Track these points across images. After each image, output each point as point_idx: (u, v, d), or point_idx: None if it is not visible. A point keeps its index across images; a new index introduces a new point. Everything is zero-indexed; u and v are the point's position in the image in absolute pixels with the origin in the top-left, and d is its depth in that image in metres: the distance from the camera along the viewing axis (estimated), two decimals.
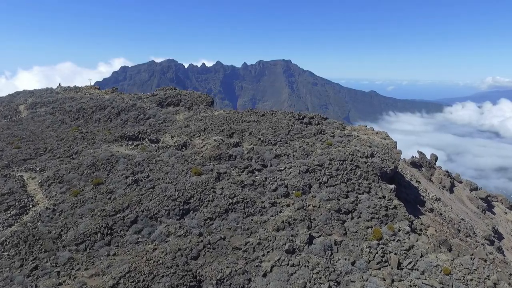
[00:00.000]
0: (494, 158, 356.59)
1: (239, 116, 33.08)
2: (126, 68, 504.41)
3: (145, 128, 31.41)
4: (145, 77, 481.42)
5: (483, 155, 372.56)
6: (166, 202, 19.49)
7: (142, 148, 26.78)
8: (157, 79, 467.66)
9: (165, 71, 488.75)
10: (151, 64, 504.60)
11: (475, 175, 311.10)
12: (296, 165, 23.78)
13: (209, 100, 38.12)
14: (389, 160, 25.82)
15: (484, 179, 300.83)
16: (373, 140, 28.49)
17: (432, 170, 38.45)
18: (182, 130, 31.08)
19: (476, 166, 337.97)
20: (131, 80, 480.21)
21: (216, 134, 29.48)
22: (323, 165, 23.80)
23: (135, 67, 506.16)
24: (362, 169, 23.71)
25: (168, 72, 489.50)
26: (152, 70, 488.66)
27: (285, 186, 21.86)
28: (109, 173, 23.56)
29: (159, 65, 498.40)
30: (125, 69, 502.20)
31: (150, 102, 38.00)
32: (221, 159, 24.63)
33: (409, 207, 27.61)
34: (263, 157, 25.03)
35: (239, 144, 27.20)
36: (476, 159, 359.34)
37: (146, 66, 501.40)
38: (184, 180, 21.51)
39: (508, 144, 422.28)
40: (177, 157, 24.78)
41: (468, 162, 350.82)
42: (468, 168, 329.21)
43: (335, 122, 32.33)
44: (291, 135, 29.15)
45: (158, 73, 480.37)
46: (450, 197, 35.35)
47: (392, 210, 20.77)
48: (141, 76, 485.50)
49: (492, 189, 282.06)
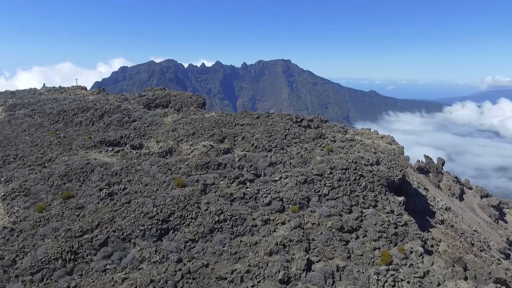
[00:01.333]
0: (494, 157, 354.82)
1: (232, 118, 30.45)
2: (125, 68, 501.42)
3: (128, 132, 28.78)
4: (144, 77, 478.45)
5: (483, 154, 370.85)
6: (142, 220, 16.87)
7: (122, 155, 24.16)
8: (157, 79, 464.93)
9: (164, 71, 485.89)
10: (151, 64, 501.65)
11: (475, 175, 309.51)
12: (293, 174, 21.18)
13: (200, 101, 35.48)
14: (396, 168, 23.22)
15: (484, 179, 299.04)
16: (377, 145, 25.89)
17: (440, 176, 35.87)
18: (169, 134, 28.46)
19: (476, 165, 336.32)
20: (131, 80, 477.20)
21: (206, 139, 26.86)
22: (323, 174, 21.20)
23: (135, 67, 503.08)
24: (367, 179, 21.11)
25: (168, 72, 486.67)
26: (152, 70, 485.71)
27: (280, 200, 19.26)
28: (82, 184, 20.95)
29: (158, 65, 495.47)
30: (125, 69, 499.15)
31: (137, 103, 35.37)
32: (209, 167, 22.01)
33: (418, 218, 25.02)
34: (256, 165, 22.42)
35: (230, 150, 24.59)
36: (476, 158, 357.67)
37: (145, 66, 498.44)
38: (164, 193, 18.89)
39: (508, 143, 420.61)
40: (160, 165, 22.16)
41: (468, 162, 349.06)
42: (468, 168, 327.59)
43: (336, 125, 29.71)
44: (287, 139, 26.55)
45: (157, 73, 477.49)
46: (460, 205, 32.79)
47: (402, 228, 18.16)
48: (140, 76, 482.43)
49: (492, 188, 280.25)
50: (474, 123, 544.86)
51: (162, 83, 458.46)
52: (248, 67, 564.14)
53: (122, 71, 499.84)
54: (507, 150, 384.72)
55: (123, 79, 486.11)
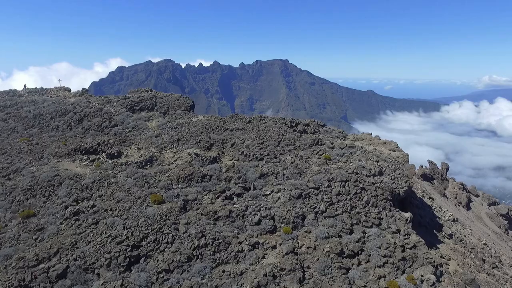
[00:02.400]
0: (491, 157, 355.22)
1: (221, 123, 28.04)
2: (122, 68, 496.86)
3: (108, 138, 26.27)
4: (142, 77, 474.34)
5: (481, 154, 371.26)
6: (109, 245, 14.43)
7: (97, 165, 21.68)
8: (154, 79, 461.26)
9: (162, 71, 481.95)
10: (148, 64, 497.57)
11: (473, 174, 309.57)
12: (286, 187, 18.83)
13: (188, 103, 33.02)
14: (401, 178, 20.92)
15: (482, 178, 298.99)
16: (380, 153, 23.59)
17: (445, 183, 33.69)
18: (151, 140, 26.00)
19: (474, 165, 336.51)
20: (128, 80, 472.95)
21: (192, 146, 24.45)
22: (320, 187, 18.86)
23: (132, 67, 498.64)
24: (369, 193, 18.80)
25: (165, 72, 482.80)
26: (149, 70, 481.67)
27: (271, 218, 16.90)
28: (47, 200, 18.47)
29: (156, 65, 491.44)
30: (122, 69, 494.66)
31: (120, 106, 32.85)
32: (192, 180, 19.59)
33: (425, 233, 22.77)
34: (245, 177, 20.04)
35: (217, 159, 22.18)
36: (474, 158, 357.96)
37: (143, 66, 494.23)
38: (138, 212, 16.46)
39: (505, 143, 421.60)
40: (137, 177, 19.71)
41: (466, 161, 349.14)
42: (466, 167, 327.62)
43: (334, 129, 27.36)
44: (281, 146, 24.18)
45: (155, 73, 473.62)
46: (468, 215, 30.65)
47: (410, 251, 15.86)
48: (138, 76, 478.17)
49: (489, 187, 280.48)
50: (472, 122, 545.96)
51: (159, 83, 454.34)
52: (246, 67, 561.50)
53: (120, 71, 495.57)
54: (504, 149, 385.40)
55: (120, 79, 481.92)
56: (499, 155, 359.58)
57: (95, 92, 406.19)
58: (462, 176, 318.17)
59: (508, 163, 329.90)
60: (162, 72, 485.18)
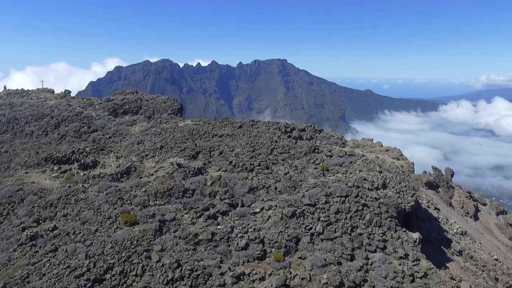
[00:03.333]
0: (489, 156, 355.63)
1: (210, 128, 25.77)
2: (120, 68, 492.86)
3: (84, 145, 23.96)
4: (140, 77, 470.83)
5: (479, 153, 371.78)
6: (65, 279, 12.16)
7: (67, 177, 19.35)
8: (152, 79, 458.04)
9: (160, 71, 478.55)
10: (146, 64, 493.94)
11: (471, 174, 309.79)
12: (279, 204, 16.60)
13: (175, 106, 30.70)
14: (407, 192, 18.75)
15: (480, 178, 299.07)
16: (383, 162, 21.41)
17: (451, 191, 31.61)
18: (132, 148, 23.71)
19: (472, 164, 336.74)
20: (126, 80, 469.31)
21: (176, 154, 22.18)
22: (316, 204, 16.66)
23: (130, 67, 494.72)
24: (372, 210, 16.61)
25: (163, 72, 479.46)
26: (147, 70, 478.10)
27: (260, 241, 14.68)
28: (4, 220, 16.15)
29: (153, 65, 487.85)
30: (120, 69, 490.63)
31: (102, 109, 30.49)
32: (173, 195, 17.32)
33: (432, 250, 20.63)
34: (232, 191, 17.80)
35: (203, 170, 19.91)
36: (472, 157, 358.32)
37: (140, 66, 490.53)
38: (105, 236, 14.18)
39: (503, 142, 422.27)
40: (110, 192, 17.41)
41: (464, 161, 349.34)
42: (464, 167, 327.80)
43: (332, 135, 25.14)
44: (274, 155, 21.95)
45: (153, 73, 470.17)
46: (476, 226, 28.59)
47: (421, 281, 13.69)
48: (135, 76, 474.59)
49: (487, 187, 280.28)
50: (470, 122, 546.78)
51: (157, 83, 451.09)
52: (244, 67, 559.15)
53: (117, 71, 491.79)
54: (502, 149, 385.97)
55: (118, 79, 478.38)
56: (497, 154, 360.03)
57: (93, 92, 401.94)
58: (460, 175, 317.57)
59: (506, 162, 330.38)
60: (160, 72, 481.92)
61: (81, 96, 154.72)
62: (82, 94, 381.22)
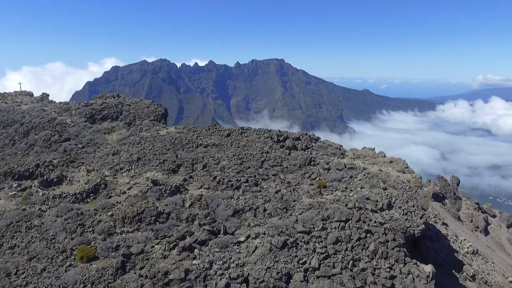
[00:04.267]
0: (487, 155, 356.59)
1: (194, 137, 23.22)
2: (117, 68, 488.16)
3: (53, 156, 21.35)
4: (137, 77, 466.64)
5: (476, 153, 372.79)
6: None
7: (24, 197, 16.75)
8: (149, 79, 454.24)
9: (157, 71, 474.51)
10: (143, 64, 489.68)
11: (468, 173, 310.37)
12: (267, 231, 14.13)
13: (159, 112, 28.10)
14: (415, 212, 16.35)
15: (477, 177, 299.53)
16: (387, 176, 19.00)
17: (459, 203, 29.31)
18: (106, 160, 21.12)
19: (469, 164, 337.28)
20: (123, 80, 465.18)
21: (154, 168, 19.64)
22: (311, 231, 14.20)
23: (127, 67, 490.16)
24: (377, 237, 14.18)
25: (160, 72, 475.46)
26: (144, 70, 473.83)
27: (243, 280, 12.20)
28: None
29: (151, 64, 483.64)
30: (117, 69, 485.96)
31: (78, 115, 27.83)
32: (143, 220, 14.78)
33: (443, 274, 18.27)
34: (214, 215, 15.30)
35: (182, 187, 17.37)
36: (470, 157, 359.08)
37: (138, 66, 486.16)
38: (54, 277, 11.63)
39: (500, 141, 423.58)
40: (70, 217, 14.84)
41: (462, 160, 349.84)
42: (462, 166, 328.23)
43: (330, 145, 22.68)
44: (265, 168, 19.46)
45: (150, 72, 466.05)
46: (487, 242, 26.34)
47: None
48: (133, 76, 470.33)
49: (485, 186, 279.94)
50: (467, 121, 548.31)
51: (154, 83, 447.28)
52: (241, 67, 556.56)
53: (114, 71, 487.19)
54: (499, 148, 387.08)
55: (115, 79, 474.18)
56: (494, 154, 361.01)
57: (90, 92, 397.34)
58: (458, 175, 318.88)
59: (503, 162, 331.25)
60: (157, 72, 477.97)
61: (78, 96, 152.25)
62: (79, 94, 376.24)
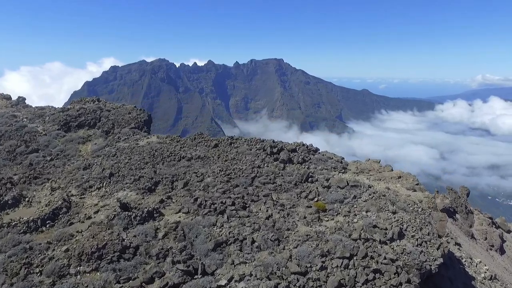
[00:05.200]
0: (486, 155, 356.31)
1: (177, 148, 20.61)
2: (116, 68, 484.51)
3: (15, 171, 18.71)
4: (135, 76, 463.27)
5: (475, 153, 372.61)
6: None
7: None
8: (148, 78, 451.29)
9: (156, 71, 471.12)
10: (142, 64, 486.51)
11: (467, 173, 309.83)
12: (254, 271, 11.57)
13: (141, 119, 25.46)
14: (431, 242, 13.82)
15: (476, 177, 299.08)
16: (395, 196, 16.45)
17: (471, 217, 26.82)
18: (76, 175, 18.50)
19: (468, 164, 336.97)
20: (122, 80, 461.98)
21: (128, 186, 17.03)
22: (308, 271, 11.64)
23: (126, 66, 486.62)
24: (388, 279, 11.64)
25: (159, 72, 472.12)
26: (143, 70, 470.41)
27: None
28: None
29: (149, 64, 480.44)
30: (115, 69, 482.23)
31: (52, 122, 25.16)
32: (104, 258, 12.18)
33: None
34: (191, 249, 12.73)
35: (156, 212, 14.78)
36: (469, 156, 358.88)
37: (136, 65, 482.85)
38: None
39: (499, 141, 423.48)
40: (15, 253, 12.24)
41: (461, 160, 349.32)
42: (461, 166, 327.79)
43: (330, 157, 20.07)
44: (255, 186, 16.89)
45: (149, 72, 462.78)
46: (504, 263, 23.86)
47: None
48: (131, 76, 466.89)
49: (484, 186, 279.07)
50: (466, 121, 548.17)
51: (153, 83, 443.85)
52: (240, 66, 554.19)
53: (113, 70, 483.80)
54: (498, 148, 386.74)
55: (114, 79, 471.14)
56: (493, 153, 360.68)
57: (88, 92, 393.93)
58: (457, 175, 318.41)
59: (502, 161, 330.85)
60: (156, 72, 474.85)
61: (77, 96, 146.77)
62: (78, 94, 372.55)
